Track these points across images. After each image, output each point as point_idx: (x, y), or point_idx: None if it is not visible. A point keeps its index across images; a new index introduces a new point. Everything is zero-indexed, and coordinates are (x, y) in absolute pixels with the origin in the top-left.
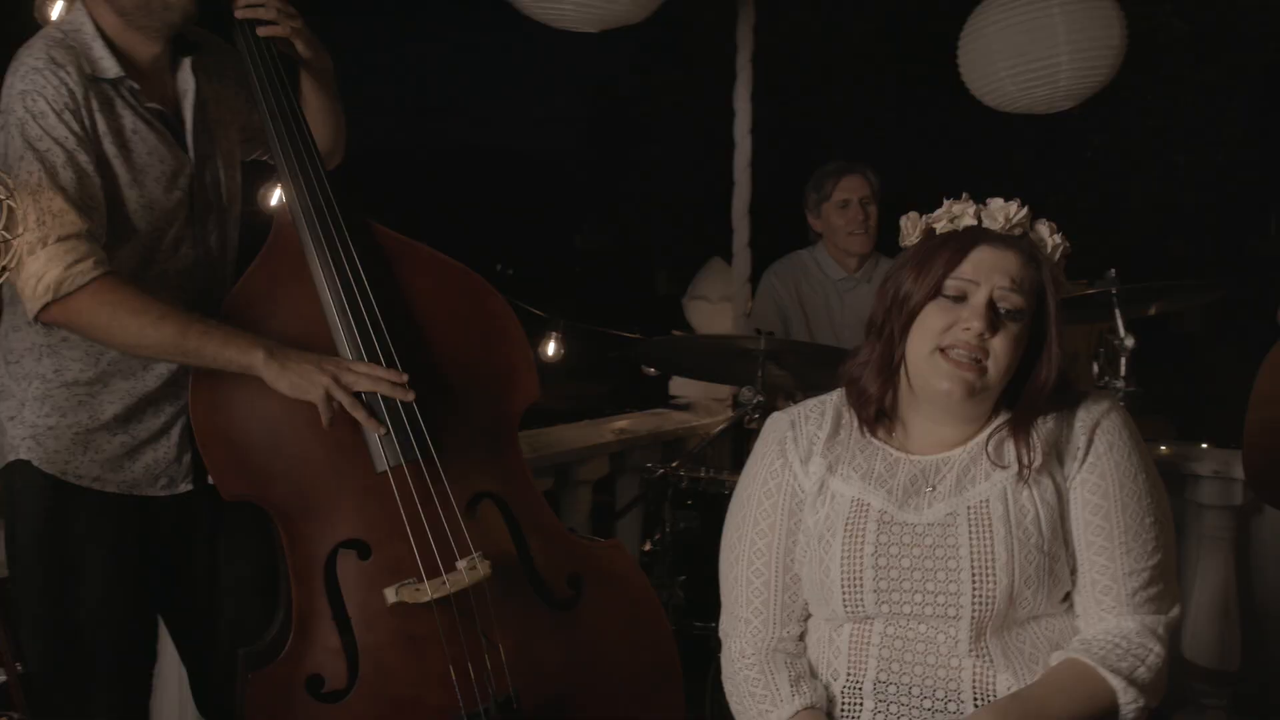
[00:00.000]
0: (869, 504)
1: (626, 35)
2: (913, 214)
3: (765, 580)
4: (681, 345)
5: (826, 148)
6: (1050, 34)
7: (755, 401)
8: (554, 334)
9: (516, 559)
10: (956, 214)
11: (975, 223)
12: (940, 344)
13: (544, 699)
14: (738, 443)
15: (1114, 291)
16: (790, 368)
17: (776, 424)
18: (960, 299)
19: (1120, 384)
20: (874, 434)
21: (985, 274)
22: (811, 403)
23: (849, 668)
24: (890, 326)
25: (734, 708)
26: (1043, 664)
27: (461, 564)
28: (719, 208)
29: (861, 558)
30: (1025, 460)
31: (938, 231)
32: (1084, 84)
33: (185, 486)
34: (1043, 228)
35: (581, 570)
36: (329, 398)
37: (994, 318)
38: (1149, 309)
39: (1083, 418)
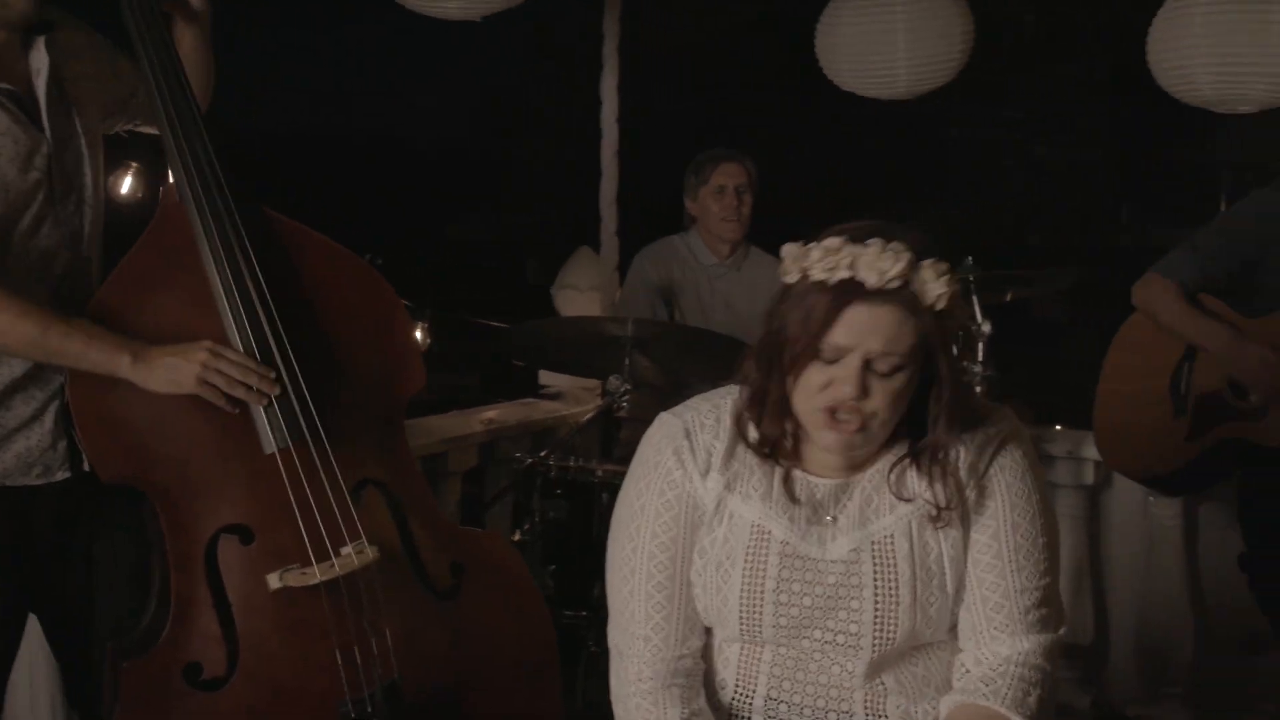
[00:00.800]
0: (770, 531)
1: (501, 25)
2: (792, 247)
3: (667, 595)
4: (548, 334)
5: (698, 137)
6: (890, 38)
7: (623, 390)
8: (421, 324)
9: (400, 546)
10: (832, 264)
11: (849, 274)
12: (821, 404)
13: (428, 685)
14: (607, 431)
15: (971, 279)
16: (658, 357)
17: (669, 428)
18: (835, 360)
19: (977, 368)
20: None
21: (859, 337)
22: (704, 408)
23: (738, 681)
24: (777, 371)
25: None
26: (935, 685)
27: (347, 549)
28: (588, 197)
29: (763, 592)
30: (940, 501)
31: (812, 279)
32: (922, 86)
33: (62, 474)
34: (928, 274)
35: (464, 559)
36: (204, 383)
37: (870, 378)
38: (1006, 295)
39: (982, 439)
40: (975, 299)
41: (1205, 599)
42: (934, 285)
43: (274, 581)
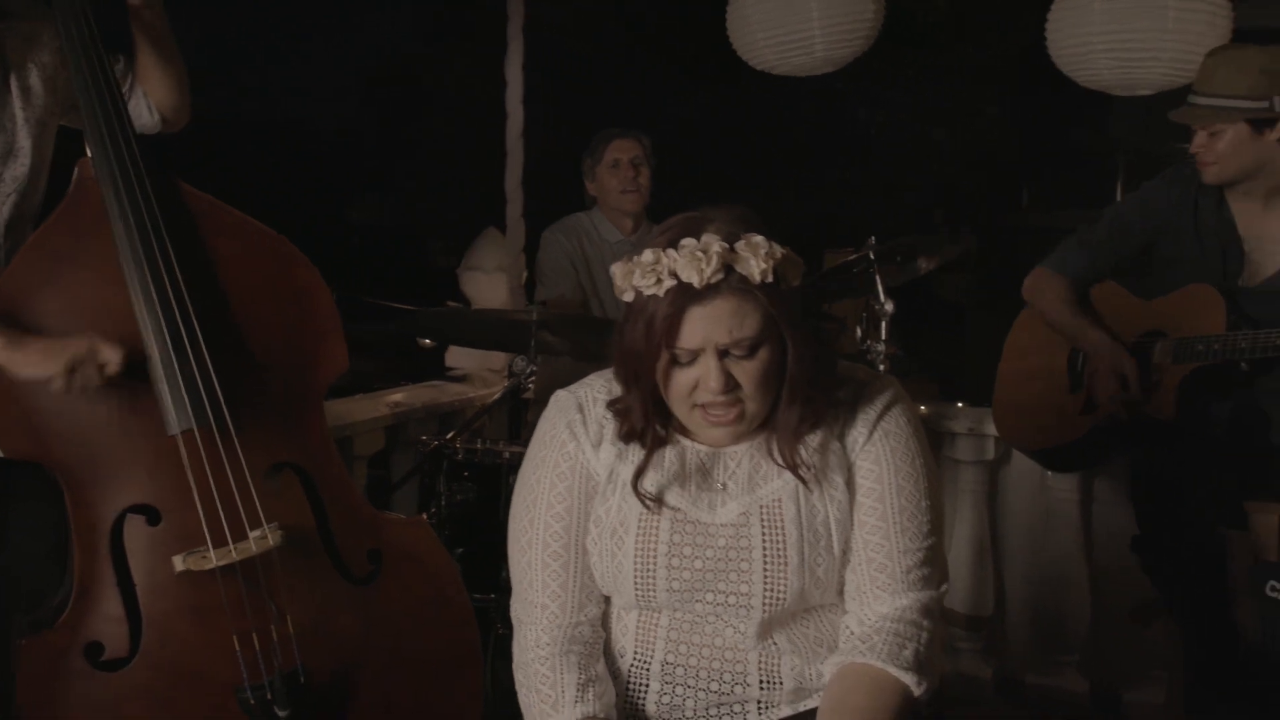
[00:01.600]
0: (662, 499)
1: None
2: (619, 266)
3: (564, 563)
4: (456, 319)
5: (605, 118)
6: (804, 10)
7: (529, 371)
8: None
9: (315, 531)
10: (654, 277)
11: (674, 281)
12: (694, 402)
13: (335, 674)
14: (515, 413)
15: (872, 257)
16: (563, 334)
17: (563, 404)
18: (692, 362)
19: (881, 347)
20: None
21: (703, 335)
22: (598, 383)
23: (636, 648)
24: (636, 383)
25: (521, 699)
26: (827, 645)
27: (252, 534)
28: (495, 179)
29: (655, 556)
30: (801, 463)
31: (646, 294)
32: (841, 52)
33: None
34: (745, 254)
35: (382, 546)
36: (71, 371)
37: (731, 366)
38: (912, 273)
39: (865, 407)
40: (878, 279)
41: (1099, 570)
42: (756, 263)
43: (178, 564)
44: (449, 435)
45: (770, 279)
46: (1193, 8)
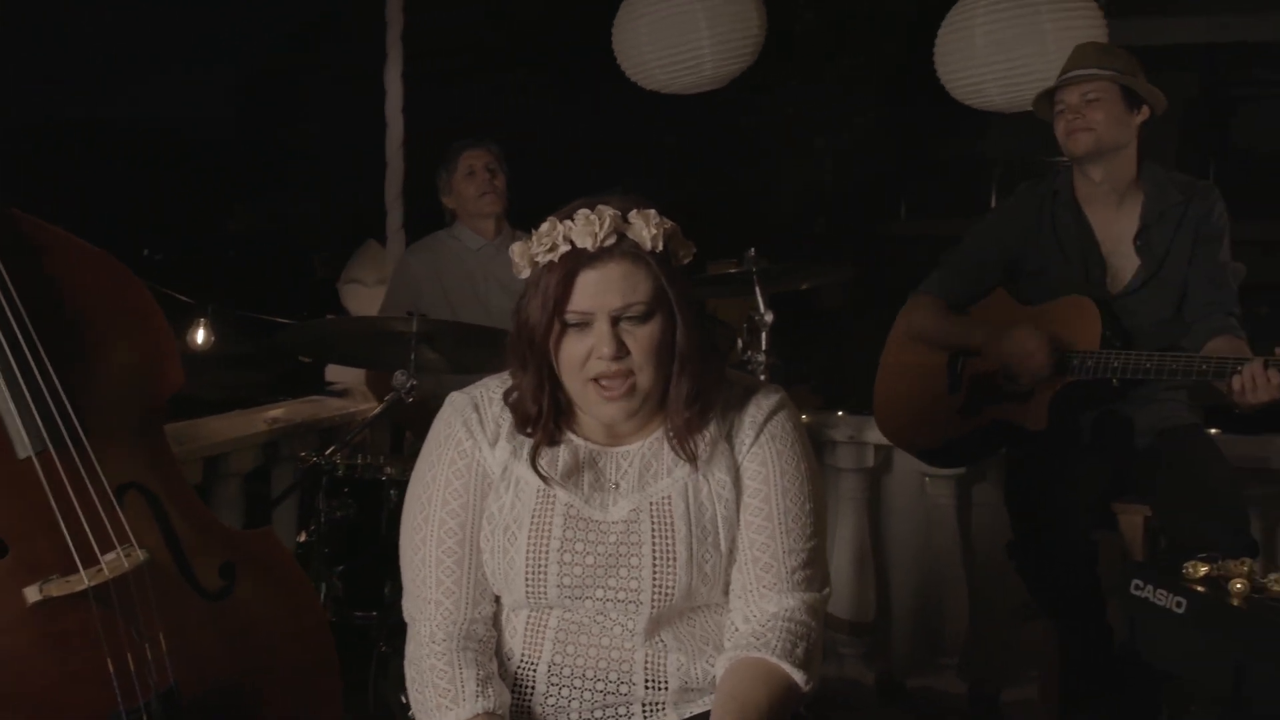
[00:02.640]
0: (555, 495)
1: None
2: (518, 245)
3: (458, 559)
4: (331, 330)
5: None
6: (693, 25)
7: (409, 385)
8: (203, 320)
9: (166, 549)
10: (549, 243)
11: (569, 246)
12: (587, 375)
13: (206, 690)
14: (397, 428)
15: (754, 270)
16: (443, 349)
17: (458, 404)
18: (585, 326)
19: (761, 357)
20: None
21: (596, 298)
22: (493, 384)
23: (524, 649)
24: (530, 358)
25: (413, 695)
26: (713, 644)
27: (114, 553)
28: (375, 189)
29: (547, 552)
30: (690, 453)
31: (540, 263)
32: (727, 69)
33: None
34: (637, 221)
35: (234, 559)
36: None
37: (623, 334)
38: (793, 286)
39: (753, 410)
40: (759, 290)
41: (978, 574)
42: (647, 229)
43: (33, 594)
44: (328, 451)
45: (661, 248)
46: (1069, 23)
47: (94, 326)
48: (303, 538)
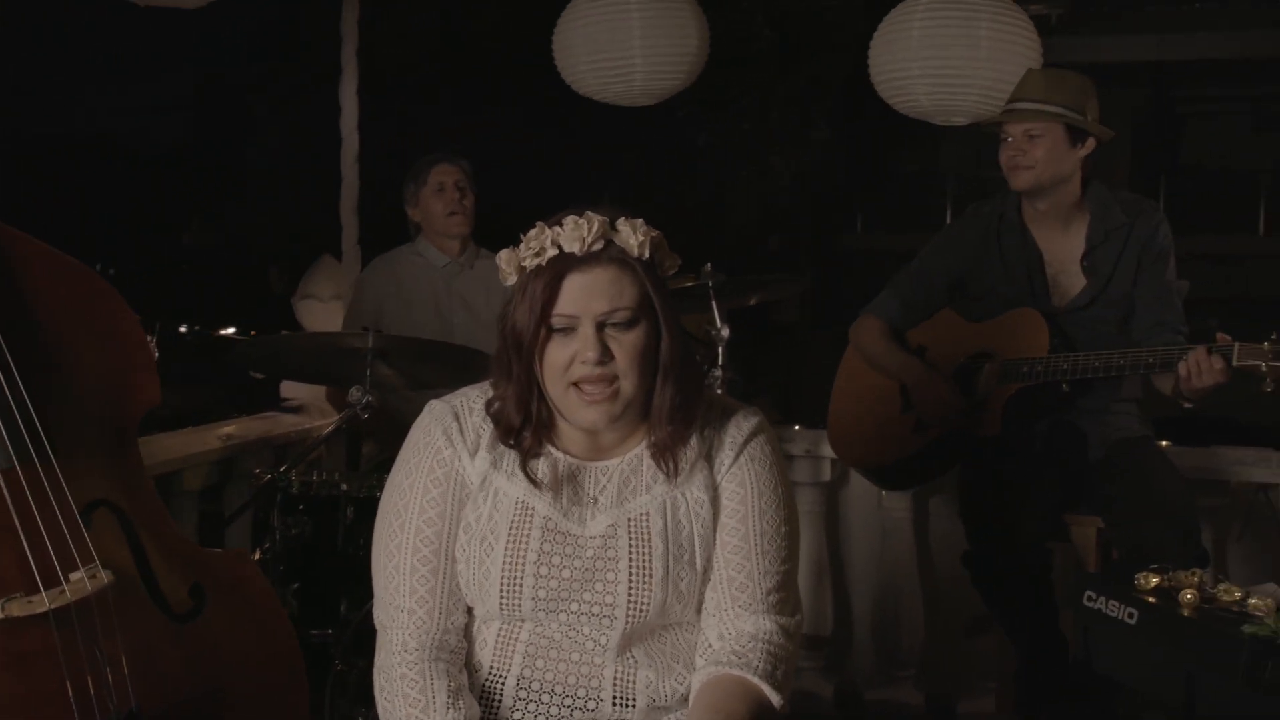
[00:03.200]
0: (534, 508)
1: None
2: (505, 252)
3: (433, 568)
4: (286, 346)
5: (441, 144)
6: (626, 35)
7: (364, 401)
8: (152, 337)
9: (134, 569)
10: (537, 247)
11: (557, 251)
12: (570, 379)
13: (169, 712)
14: (353, 444)
15: (710, 284)
16: (399, 365)
17: (438, 412)
18: (570, 330)
19: (718, 372)
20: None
21: (582, 302)
22: (474, 394)
23: (493, 662)
24: (515, 366)
25: (382, 704)
26: (683, 662)
27: (78, 574)
28: (331, 204)
29: (524, 565)
30: (672, 467)
31: (527, 269)
32: (660, 85)
33: None
34: (625, 228)
35: (204, 580)
36: None
37: (608, 339)
38: (748, 301)
39: (733, 431)
40: (715, 305)
41: (934, 586)
42: (634, 236)
43: None
44: (283, 468)
45: (647, 256)
46: (1005, 36)
47: (65, 338)
48: (257, 555)
